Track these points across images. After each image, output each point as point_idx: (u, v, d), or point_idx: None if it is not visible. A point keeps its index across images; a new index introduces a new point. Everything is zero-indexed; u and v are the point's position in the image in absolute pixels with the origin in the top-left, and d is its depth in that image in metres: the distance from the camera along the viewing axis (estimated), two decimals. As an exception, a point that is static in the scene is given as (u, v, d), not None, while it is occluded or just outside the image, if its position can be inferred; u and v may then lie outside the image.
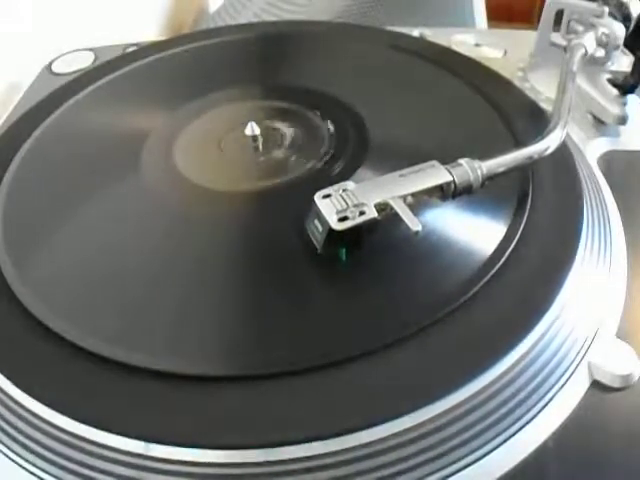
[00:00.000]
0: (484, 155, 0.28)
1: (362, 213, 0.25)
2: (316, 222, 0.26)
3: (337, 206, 0.25)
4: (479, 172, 0.27)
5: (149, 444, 0.22)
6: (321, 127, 0.34)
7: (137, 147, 0.34)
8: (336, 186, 0.26)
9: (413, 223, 0.25)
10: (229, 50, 0.43)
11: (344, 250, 0.26)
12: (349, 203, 0.25)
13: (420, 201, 0.27)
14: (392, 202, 0.25)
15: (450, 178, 0.26)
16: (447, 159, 0.27)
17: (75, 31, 0.54)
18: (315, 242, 0.26)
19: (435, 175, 0.27)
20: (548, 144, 0.29)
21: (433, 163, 0.27)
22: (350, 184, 0.26)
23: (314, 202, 0.26)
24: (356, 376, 0.23)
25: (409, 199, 0.26)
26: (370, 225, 0.25)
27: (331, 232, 0.25)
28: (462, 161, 0.27)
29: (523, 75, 0.42)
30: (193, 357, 0.24)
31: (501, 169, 0.28)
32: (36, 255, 0.29)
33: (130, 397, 0.23)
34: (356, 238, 0.26)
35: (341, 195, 0.26)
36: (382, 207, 0.25)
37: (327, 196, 0.26)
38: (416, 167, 0.27)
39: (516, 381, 0.23)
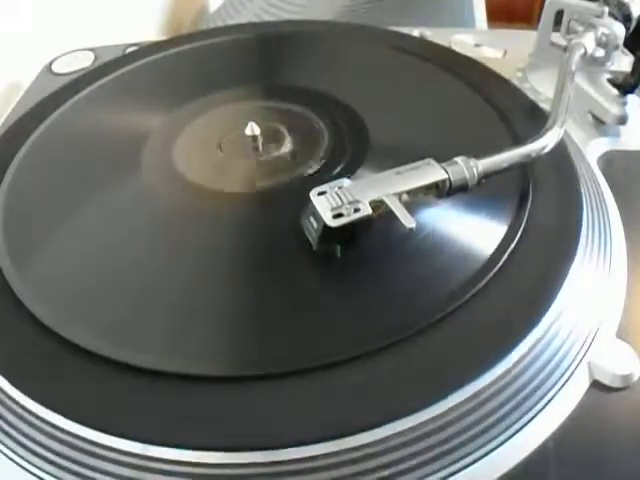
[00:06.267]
0: (483, 155, 0.28)
1: (357, 210, 0.25)
2: (311, 219, 0.26)
3: (332, 203, 0.25)
4: (475, 170, 0.27)
5: (147, 445, 0.22)
6: (321, 127, 0.34)
7: (137, 147, 0.34)
8: (332, 183, 0.26)
9: (407, 220, 0.25)
10: (229, 50, 0.43)
11: (339, 247, 0.26)
12: (344, 200, 0.25)
13: (416, 199, 0.27)
14: (386, 199, 0.25)
15: (445, 176, 0.26)
16: (447, 159, 0.27)
17: (75, 31, 0.54)
18: (310, 239, 0.26)
19: (431, 173, 0.27)
20: (546, 142, 0.29)
21: (429, 161, 0.27)
22: (346, 181, 0.26)
23: (309, 199, 0.26)
24: (356, 377, 0.23)
25: (404, 196, 0.26)
26: (365, 222, 0.25)
27: (326, 229, 0.25)
28: (458, 159, 0.27)
29: (523, 75, 0.42)
30: (193, 357, 0.24)
31: (498, 167, 0.28)
32: (36, 254, 0.29)
33: (130, 397, 0.23)
34: (351, 235, 0.26)
35: (336, 192, 0.26)
36: (377, 204, 0.25)
37: (322, 193, 0.26)
38: (412, 165, 0.27)
39: (516, 381, 0.23)
